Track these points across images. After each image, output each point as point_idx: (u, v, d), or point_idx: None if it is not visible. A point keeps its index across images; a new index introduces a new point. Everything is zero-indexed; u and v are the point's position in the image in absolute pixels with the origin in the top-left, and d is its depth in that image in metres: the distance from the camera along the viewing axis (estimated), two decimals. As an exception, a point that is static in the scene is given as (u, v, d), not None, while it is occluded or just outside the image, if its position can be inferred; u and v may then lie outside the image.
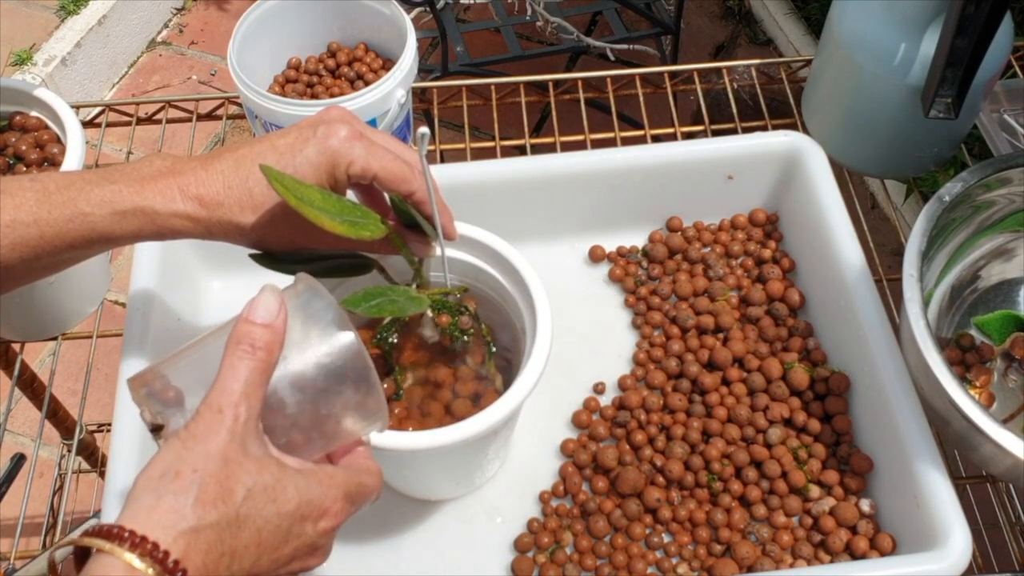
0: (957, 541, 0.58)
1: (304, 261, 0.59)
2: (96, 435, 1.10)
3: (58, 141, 0.77)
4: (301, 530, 0.45)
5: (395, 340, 0.63)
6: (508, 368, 0.64)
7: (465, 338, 0.63)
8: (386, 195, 0.58)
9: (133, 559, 0.39)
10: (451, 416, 0.61)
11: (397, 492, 0.68)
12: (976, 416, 0.58)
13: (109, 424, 0.86)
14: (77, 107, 0.82)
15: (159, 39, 2.11)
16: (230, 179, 0.52)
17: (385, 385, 0.61)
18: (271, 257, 0.57)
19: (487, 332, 0.64)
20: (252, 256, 0.57)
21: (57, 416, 1.03)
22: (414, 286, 0.61)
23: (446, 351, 0.63)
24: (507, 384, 0.59)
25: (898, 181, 1.53)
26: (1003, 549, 0.83)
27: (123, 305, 0.70)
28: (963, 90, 0.70)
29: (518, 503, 0.68)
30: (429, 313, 0.63)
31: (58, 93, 0.78)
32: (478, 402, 0.61)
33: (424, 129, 0.52)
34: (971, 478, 0.74)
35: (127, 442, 0.63)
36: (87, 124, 0.89)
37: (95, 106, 0.92)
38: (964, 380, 0.70)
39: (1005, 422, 0.65)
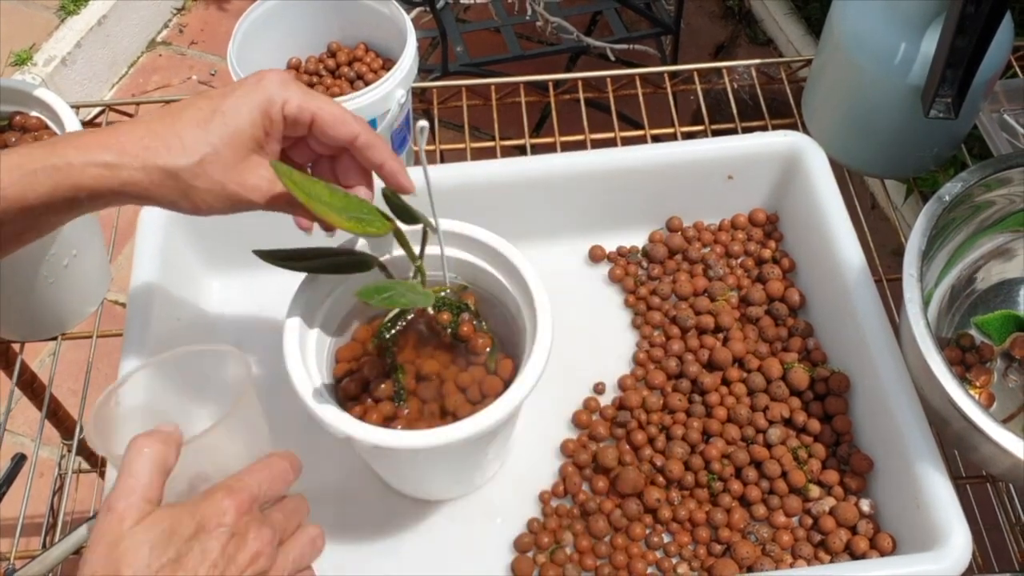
0: (957, 541, 0.58)
1: (306, 258, 0.59)
2: (96, 435, 1.10)
3: (58, 141, 0.77)
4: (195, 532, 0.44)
5: (395, 339, 0.63)
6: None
7: (465, 336, 0.63)
8: (378, 189, 0.58)
9: None
10: (451, 415, 0.60)
11: (397, 492, 0.68)
12: (976, 416, 0.58)
13: (109, 424, 0.86)
14: (77, 107, 0.82)
15: (159, 39, 2.11)
16: (154, 126, 0.50)
17: (383, 385, 0.61)
18: (273, 253, 0.58)
19: (487, 330, 0.64)
20: (256, 252, 0.57)
21: (57, 416, 1.03)
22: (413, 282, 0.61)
23: (446, 349, 0.63)
24: (507, 383, 0.59)
25: (898, 181, 1.53)
26: (1003, 549, 0.83)
27: (123, 305, 0.70)
28: (963, 90, 0.70)
29: (518, 503, 0.68)
30: (430, 310, 0.63)
31: (58, 93, 0.78)
32: (478, 401, 0.61)
33: (423, 122, 0.53)
34: (971, 478, 0.74)
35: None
36: (87, 124, 0.89)
37: (95, 106, 0.92)
38: (964, 380, 0.70)
39: (1005, 422, 0.65)
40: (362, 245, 0.62)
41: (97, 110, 0.92)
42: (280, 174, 0.51)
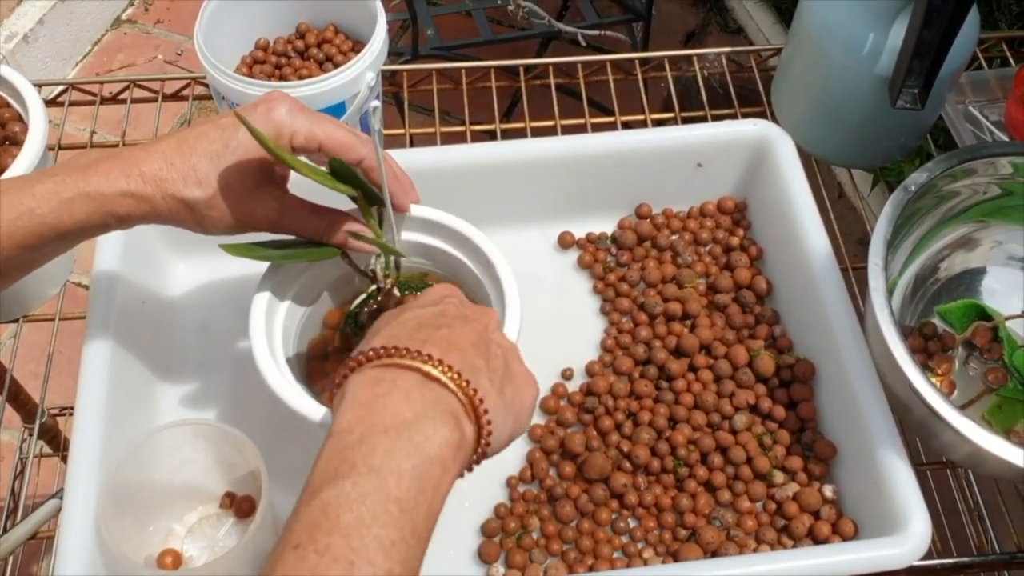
0: (917, 526, 0.59)
1: (271, 247, 0.59)
2: (58, 419, 1.09)
3: (20, 120, 0.75)
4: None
5: (363, 321, 0.63)
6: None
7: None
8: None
9: (433, 371, 0.46)
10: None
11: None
12: (937, 403, 0.59)
13: (71, 408, 0.85)
14: (40, 85, 0.81)
15: (124, 17, 2.07)
16: (171, 156, 0.53)
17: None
18: (240, 247, 0.58)
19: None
20: (223, 247, 0.57)
21: (18, 400, 1.01)
22: (378, 267, 0.61)
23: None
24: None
25: (865, 171, 1.55)
26: (961, 533, 0.85)
27: (86, 287, 0.69)
28: (930, 81, 0.71)
29: (485, 488, 0.68)
30: (396, 292, 0.63)
31: (20, 71, 0.77)
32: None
33: (375, 102, 0.53)
34: (931, 464, 0.75)
35: (89, 426, 0.62)
36: (50, 103, 0.88)
37: (58, 84, 0.91)
38: (926, 368, 0.71)
39: (964, 409, 0.66)
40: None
41: (60, 89, 0.90)
42: (254, 132, 0.51)
